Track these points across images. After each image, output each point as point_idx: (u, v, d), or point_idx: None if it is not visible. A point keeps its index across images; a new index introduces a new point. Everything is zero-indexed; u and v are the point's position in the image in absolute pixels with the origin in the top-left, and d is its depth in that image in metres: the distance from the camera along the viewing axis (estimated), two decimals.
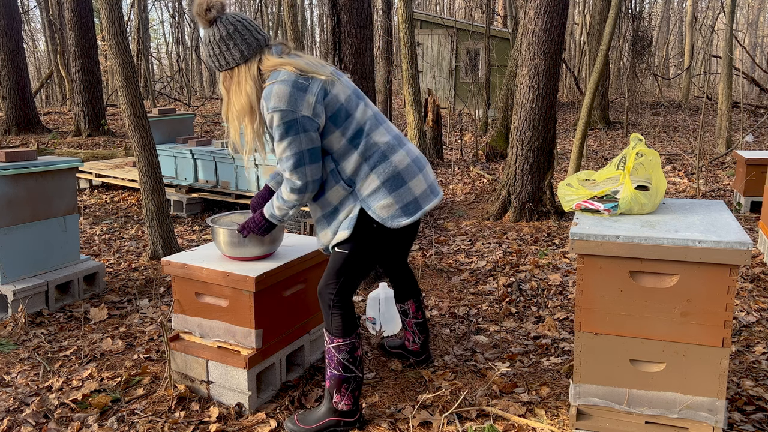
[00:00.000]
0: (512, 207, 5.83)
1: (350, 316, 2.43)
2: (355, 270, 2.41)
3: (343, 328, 2.41)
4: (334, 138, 2.29)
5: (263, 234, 2.55)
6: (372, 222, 2.33)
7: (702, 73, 21.70)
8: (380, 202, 2.31)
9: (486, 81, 13.42)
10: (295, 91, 2.19)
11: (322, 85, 2.25)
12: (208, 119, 15.29)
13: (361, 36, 4.05)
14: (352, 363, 2.43)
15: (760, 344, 3.15)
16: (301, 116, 2.19)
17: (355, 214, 2.33)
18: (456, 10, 28.42)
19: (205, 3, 2.26)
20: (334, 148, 2.31)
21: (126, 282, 4.35)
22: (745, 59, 21.71)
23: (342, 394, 2.43)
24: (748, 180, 5.88)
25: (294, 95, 2.18)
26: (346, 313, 2.42)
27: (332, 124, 2.27)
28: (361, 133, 2.32)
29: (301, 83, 2.21)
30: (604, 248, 2.16)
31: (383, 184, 2.31)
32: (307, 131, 2.21)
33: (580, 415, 2.31)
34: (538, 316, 3.63)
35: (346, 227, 2.35)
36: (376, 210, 2.31)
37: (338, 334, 2.41)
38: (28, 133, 12.67)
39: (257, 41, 2.29)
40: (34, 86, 18.62)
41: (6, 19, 12.41)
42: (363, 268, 2.43)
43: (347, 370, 2.42)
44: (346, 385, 2.42)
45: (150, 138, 4.63)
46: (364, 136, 2.32)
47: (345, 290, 2.41)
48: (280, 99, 2.18)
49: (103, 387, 2.85)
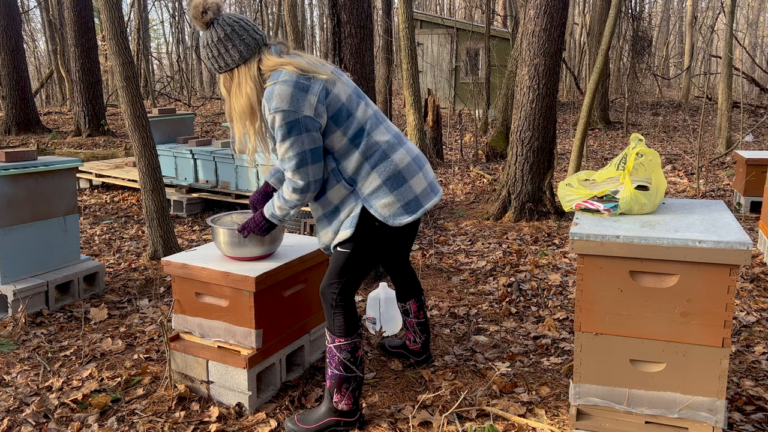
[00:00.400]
0: (512, 207, 5.83)
1: (352, 316, 2.43)
2: (358, 269, 2.41)
3: (346, 327, 2.41)
4: (336, 137, 2.29)
5: (264, 234, 2.55)
6: (374, 220, 2.34)
7: (702, 73, 21.70)
8: (382, 200, 2.31)
9: (486, 81, 13.42)
10: (296, 91, 2.18)
11: (324, 84, 2.24)
12: (208, 119, 15.29)
13: (361, 36, 4.05)
14: (353, 363, 2.43)
15: (760, 344, 3.15)
16: (303, 116, 2.18)
17: (357, 213, 2.33)
18: (456, 10, 28.42)
19: (201, 5, 2.25)
20: (335, 148, 2.31)
21: (126, 282, 4.35)
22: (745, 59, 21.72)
23: (342, 394, 2.43)
24: (748, 180, 5.88)
25: (296, 95, 2.18)
26: (349, 312, 2.42)
27: (333, 124, 2.27)
28: (362, 132, 2.32)
29: (302, 83, 2.20)
30: (604, 248, 2.16)
31: (384, 183, 2.31)
32: (310, 131, 2.20)
33: (580, 415, 2.31)
34: (538, 316, 3.63)
35: (348, 226, 2.35)
36: (378, 208, 2.31)
37: (340, 333, 2.41)
38: (28, 133, 12.67)
39: (255, 41, 2.28)
40: (34, 86, 18.62)
41: (6, 19, 12.41)
42: (365, 266, 2.43)
43: (348, 370, 2.42)
44: (346, 384, 2.43)
45: (150, 138, 4.63)
46: (365, 136, 2.32)
47: (347, 289, 2.41)
48: (282, 99, 2.17)
49: (103, 387, 2.85)
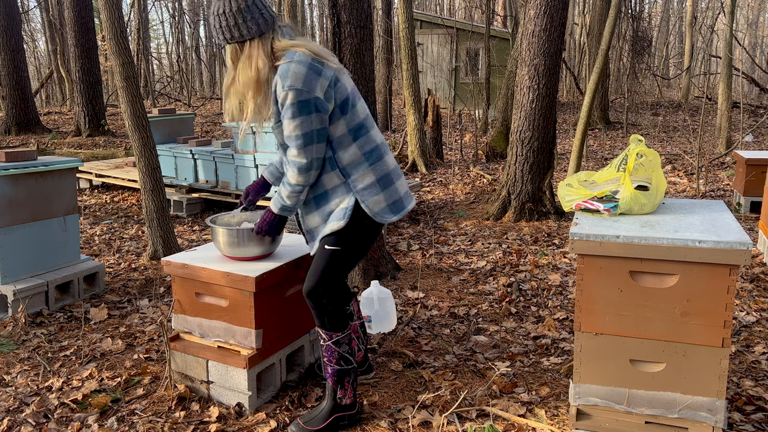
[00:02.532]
0: (512, 207, 5.83)
1: (343, 308, 2.47)
2: (345, 267, 2.44)
3: (341, 321, 2.45)
4: (339, 125, 2.34)
5: (277, 233, 2.56)
6: (365, 216, 2.38)
7: (702, 73, 21.70)
8: (374, 197, 2.37)
9: (486, 81, 13.42)
10: (310, 72, 2.23)
11: (334, 71, 2.32)
12: (208, 119, 15.29)
13: (361, 36, 4.05)
14: (350, 354, 2.47)
15: (760, 344, 3.15)
16: (315, 97, 2.23)
17: (350, 206, 2.36)
18: (456, 10, 28.41)
19: None
20: (335, 135, 2.35)
21: (126, 282, 4.35)
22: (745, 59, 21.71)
23: (345, 388, 2.48)
24: (748, 180, 5.88)
25: (310, 76, 2.23)
26: (340, 306, 2.45)
27: (339, 111, 2.33)
28: (362, 128, 2.39)
29: (316, 66, 2.26)
30: (604, 248, 2.16)
31: (378, 181, 2.38)
32: (319, 112, 2.26)
33: (580, 415, 2.31)
34: (538, 316, 3.63)
35: (341, 217, 2.37)
36: (370, 204, 2.37)
37: (337, 328, 2.44)
38: (28, 133, 12.67)
39: (272, 18, 2.32)
40: (34, 86, 18.62)
41: (6, 19, 12.41)
42: (351, 263, 2.46)
43: (348, 362, 2.47)
44: (347, 377, 2.47)
45: (150, 138, 4.63)
46: (364, 132, 2.39)
47: (336, 287, 2.43)
48: (296, 78, 2.21)
49: (103, 387, 2.85)
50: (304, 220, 2.52)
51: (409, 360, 3.06)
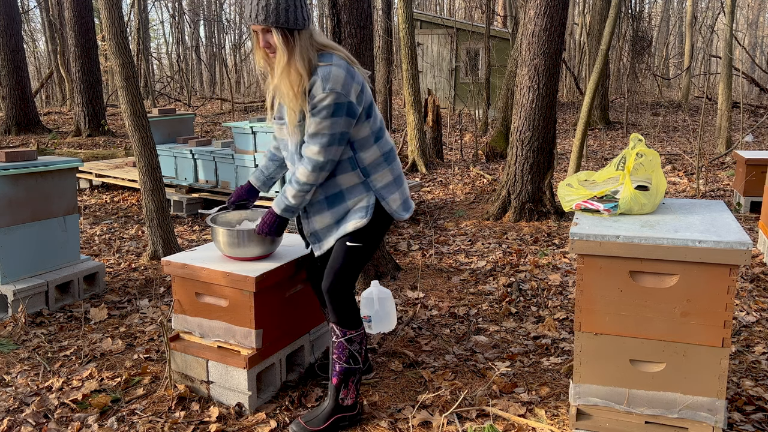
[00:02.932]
0: (512, 207, 5.83)
1: (356, 306, 2.51)
2: (364, 262, 2.50)
3: (356, 318, 2.49)
4: (364, 127, 2.39)
5: (278, 234, 2.57)
6: (384, 213, 2.46)
7: (702, 73, 21.71)
8: (393, 195, 2.46)
9: (486, 81, 13.42)
10: (348, 77, 2.28)
11: (363, 78, 2.38)
12: (208, 119, 15.29)
13: (361, 36, 4.05)
14: (359, 353, 2.50)
15: (760, 344, 3.15)
16: (349, 101, 2.28)
17: (371, 203, 2.42)
18: (456, 10, 28.41)
19: None
20: (359, 136, 2.39)
21: (126, 282, 4.35)
22: (744, 59, 21.71)
23: (349, 389, 2.49)
24: (748, 180, 5.88)
25: (348, 81, 2.27)
26: (355, 303, 2.50)
27: (365, 114, 2.38)
28: (381, 129, 2.48)
29: (352, 71, 2.32)
30: (604, 248, 2.16)
31: (395, 180, 2.48)
32: (350, 116, 2.30)
33: (580, 415, 2.31)
34: (538, 316, 3.63)
35: (363, 215, 2.41)
36: (390, 201, 2.46)
37: (353, 325, 2.47)
38: (28, 133, 12.67)
39: (310, 16, 2.34)
40: (34, 86, 18.61)
41: (6, 19, 12.41)
42: (368, 259, 2.53)
43: (356, 362, 2.49)
44: (352, 377, 2.49)
45: (150, 138, 4.63)
46: (383, 134, 2.48)
47: (353, 283, 2.49)
48: (337, 81, 2.24)
49: (103, 387, 2.85)
50: (309, 222, 2.52)
51: (409, 360, 3.06)
